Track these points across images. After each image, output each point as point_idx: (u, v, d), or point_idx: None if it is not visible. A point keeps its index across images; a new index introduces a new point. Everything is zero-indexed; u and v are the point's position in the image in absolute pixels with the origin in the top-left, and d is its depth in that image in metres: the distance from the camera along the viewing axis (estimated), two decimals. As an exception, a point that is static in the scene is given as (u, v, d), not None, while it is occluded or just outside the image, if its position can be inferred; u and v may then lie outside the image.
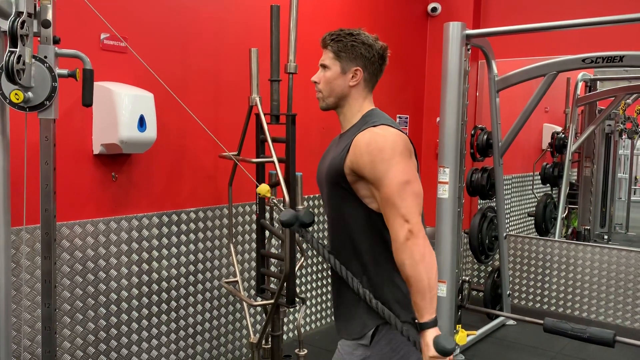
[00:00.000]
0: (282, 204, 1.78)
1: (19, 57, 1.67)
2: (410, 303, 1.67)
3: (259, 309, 3.57)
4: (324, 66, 1.75)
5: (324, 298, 4.25)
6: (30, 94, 1.81)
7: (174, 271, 3.15)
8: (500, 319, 4.43)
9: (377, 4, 4.62)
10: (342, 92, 1.74)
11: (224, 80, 3.35)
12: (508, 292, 4.48)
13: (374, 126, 1.65)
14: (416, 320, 1.57)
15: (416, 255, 1.53)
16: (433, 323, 1.55)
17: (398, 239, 1.54)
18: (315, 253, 1.71)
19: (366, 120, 1.71)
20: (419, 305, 1.55)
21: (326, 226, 1.94)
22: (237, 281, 3.10)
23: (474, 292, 4.65)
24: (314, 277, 4.14)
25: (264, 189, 1.87)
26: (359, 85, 1.74)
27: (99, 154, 2.74)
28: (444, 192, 3.42)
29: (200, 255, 3.29)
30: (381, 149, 1.59)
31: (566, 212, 5.67)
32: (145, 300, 3.01)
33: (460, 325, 3.80)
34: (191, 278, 3.25)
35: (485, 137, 4.36)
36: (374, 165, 1.58)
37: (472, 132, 4.38)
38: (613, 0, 4.25)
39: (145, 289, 3.01)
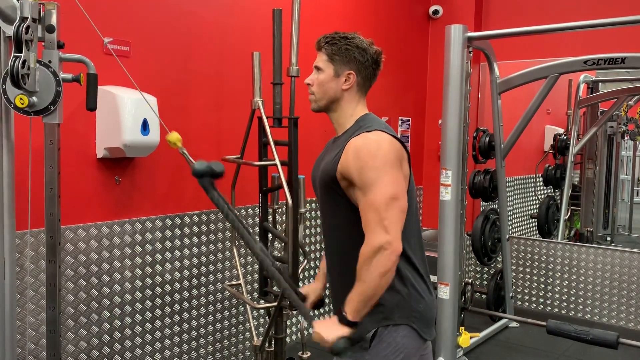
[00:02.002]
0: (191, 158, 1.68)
1: (24, 62, 1.68)
2: (409, 308, 1.68)
3: (262, 311, 3.58)
4: (318, 68, 1.76)
5: (327, 300, 4.25)
6: (34, 98, 1.82)
7: (177, 274, 3.16)
8: (503, 321, 4.43)
9: (379, 7, 4.62)
10: (335, 95, 1.74)
11: (226, 83, 3.36)
12: (511, 294, 4.47)
13: (368, 131, 1.64)
14: (344, 312, 1.59)
15: (382, 269, 1.54)
16: (349, 323, 1.58)
17: (373, 244, 1.55)
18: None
19: (360, 125, 1.70)
20: (354, 302, 1.58)
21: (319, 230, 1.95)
22: (240, 284, 3.10)
23: (477, 295, 4.65)
24: (317, 279, 4.14)
25: (174, 136, 1.76)
26: (351, 89, 1.74)
27: (103, 157, 2.75)
28: (447, 194, 3.42)
29: (204, 258, 3.30)
30: (373, 155, 1.59)
31: (569, 213, 5.67)
32: (148, 303, 3.02)
33: (463, 328, 3.80)
34: (194, 281, 3.25)
35: (487, 139, 4.36)
36: (364, 171, 1.58)
37: (474, 134, 4.38)
38: (615, 2, 4.26)
39: (148, 292, 3.02)
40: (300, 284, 3.93)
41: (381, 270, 1.54)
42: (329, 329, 1.58)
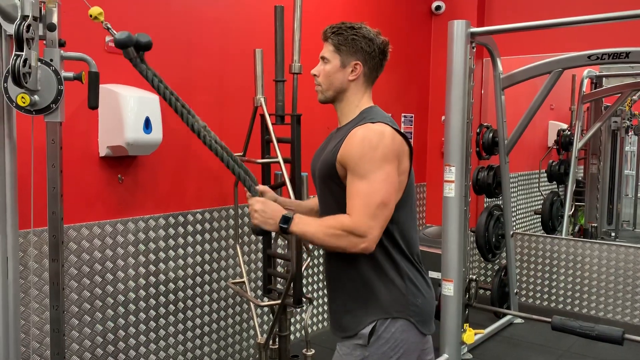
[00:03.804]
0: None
1: (25, 60, 1.67)
2: (407, 302, 1.67)
3: (266, 309, 3.57)
4: (324, 59, 1.75)
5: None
6: (36, 97, 1.81)
7: (180, 272, 3.15)
8: (508, 317, 4.42)
9: (381, 3, 4.61)
10: (341, 86, 1.73)
11: (228, 81, 3.35)
12: (515, 291, 4.46)
13: (372, 122, 1.64)
14: (291, 220, 1.61)
15: (344, 245, 1.57)
16: (285, 230, 1.62)
17: (357, 226, 1.55)
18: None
19: (364, 116, 1.70)
20: (306, 228, 1.61)
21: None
22: (243, 282, 3.10)
23: (481, 291, 4.64)
24: (321, 277, 4.14)
25: (95, 10, 1.71)
26: (358, 79, 1.73)
27: (105, 156, 2.75)
28: (450, 190, 3.41)
29: (207, 256, 3.30)
30: (374, 147, 1.58)
31: (573, 209, 5.65)
32: (152, 301, 3.02)
33: (467, 324, 3.79)
34: (198, 279, 3.25)
35: (490, 135, 4.35)
36: (362, 161, 1.58)
37: (478, 130, 4.37)
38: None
39: (152, 290, 3.02)
40: (304, 281, 3.93)
41: (343, 246, 1.58)
42: (265, 215, 1.63)
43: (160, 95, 1.53)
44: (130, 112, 2.64)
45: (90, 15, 1.70)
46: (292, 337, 3.57)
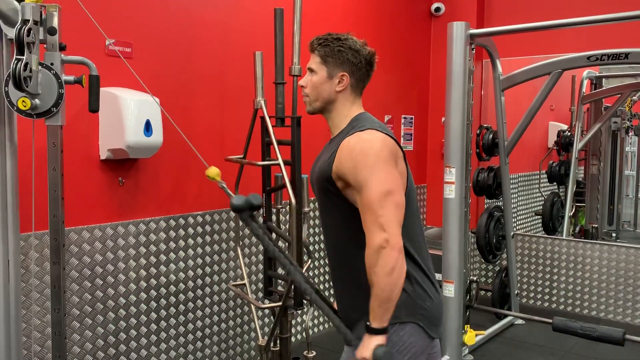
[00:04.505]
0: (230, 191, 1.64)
1: (26, 64, 1.68)
2: (415, 305, 1.67)
3: (267, 311, 3.58)
4: (311, 70, 1.75)
5: (331, 300, 4.25)
6: (37, 100, 1.82)
7: (181, 275, 3.16)
8: (509, 318, 4.42)
9: (381, 5, 4.61)
10: (329, 97, 1.74)
11: (228, 83, 3.36)
12: (516, 292, 4.46)
13: (361, 131, 1.64)
14: (368, 323, 1.57)
15: (386, 267, 1.52)
16: (381, 331, 1.56)
17: (372, 246, 1.53)
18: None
19: (353, 125, 1.70)
20: (374, 310, 1.56)
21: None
22: (244, 284, 3.10)
23: (482, 292, 4.63)
24: (321, 278, 4.14)
25: (213, 171, 1.72)
26: (345, 90, 1.73)
27: (106, 159, 2.75)
28: (451, 192, 3.41)
29: (208, 259, 3.30)
30: (365, 154, 1.57)
31: (573, 210, 5.65)
32: (153, 304, 3.02)
33: (468, 325, 3.79)
34: (199, 281, 3.25)
35: (491, 136, 4.35)
36: (357, 171, 1.57)
37: (478, 131, 4.37)
38: (617, -3, 4.25)
39: (153, 293, 3.02)
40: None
41: (386, 269, 1.53)
42: (364, 347, 1.57)
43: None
44: (130, 115, 2.65)
45: (208, 176, 1.73)
46: (293, 339, 3.57)
